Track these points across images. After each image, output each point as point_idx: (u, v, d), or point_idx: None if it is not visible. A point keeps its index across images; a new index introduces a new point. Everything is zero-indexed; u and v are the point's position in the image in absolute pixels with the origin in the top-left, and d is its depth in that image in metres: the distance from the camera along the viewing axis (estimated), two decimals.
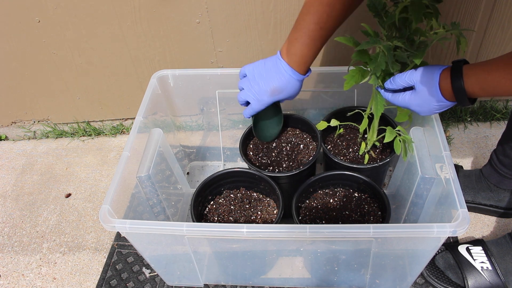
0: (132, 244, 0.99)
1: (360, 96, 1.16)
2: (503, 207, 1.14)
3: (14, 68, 1.38)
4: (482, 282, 0.99)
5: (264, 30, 1.26)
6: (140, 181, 0.96)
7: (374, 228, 0.77)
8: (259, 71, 0.96)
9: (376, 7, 0.83)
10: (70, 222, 1.29)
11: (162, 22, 1.25)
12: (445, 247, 1.07)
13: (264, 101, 0.97)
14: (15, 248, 1.24)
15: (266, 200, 1.08)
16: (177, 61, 1.35)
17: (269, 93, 0.95)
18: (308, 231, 0.78)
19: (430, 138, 0.95)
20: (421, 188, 0.92)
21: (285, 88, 0.94)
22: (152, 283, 1.11)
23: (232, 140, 1.31)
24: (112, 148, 1.52)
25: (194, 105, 1.25)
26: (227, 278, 1.07)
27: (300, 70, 0.92)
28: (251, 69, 0.97)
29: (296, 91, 0.96)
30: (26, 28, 1.27)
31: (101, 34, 1.29)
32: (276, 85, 0.94)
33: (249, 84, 0.97)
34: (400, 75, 0.82)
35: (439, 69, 0.77)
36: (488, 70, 0.71)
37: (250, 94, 0.97)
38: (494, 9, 1.20)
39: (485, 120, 1.43)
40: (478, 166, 1.30)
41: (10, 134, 1.61)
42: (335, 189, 1.06)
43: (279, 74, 0.93)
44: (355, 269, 0.96)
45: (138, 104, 1.07)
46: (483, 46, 1.29)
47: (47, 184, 1.41)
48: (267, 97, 0.96)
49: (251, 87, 0.97)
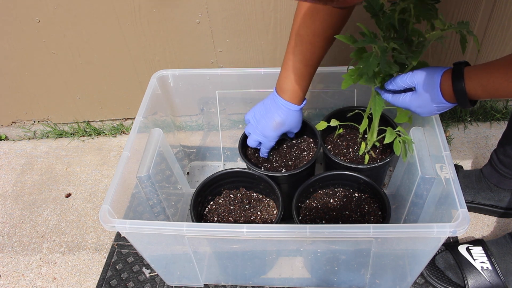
0: (132, 244, 0.99)
1: (360, 96, 1.16)
2: (503, 207, 1.14)
3: (14, 68, 1.38)
4: (482, 282, 0.99)
5: (264, 30, 1.26)
6: (140, 181, 0.96)
7: (374, 228, 0.77)
8: (260, 112, 1.04)
9: (374, 8, 0.82)
10: (70, 222, 1.29)
11: (162, 22, 1.25)
12: (445, 247, 1.07)
13: (271, 136, 1.04)
14: (15, 248, 1.24)
15: (266, 200, 1.08)
16: (177, 61, 1.35)
17: (273, 128, 1.03)
18: (308, 231, 0.78)
19: (430, 138, 0.95)
20: (421, 188, 0.92)
21: (286, 119, 1.02)
22: (152, 283, 1.11)
23: (232, 140, 1.31)
24: (112, 148, 1.52)
25: (194, 105, 1.25)
26: (227, 278, 1.07)
27: (295, 102, 1.00)
28: (252, 113, 1.06)
29: (296, 121, 1.04)
30: (26, 28, 1.27)
31: (101, 34, 1.29)
32: (278, 119, 1.01)
33: (254, 126, 1.05)
34: (401, 76, 0.82)
35: (440, 71, 0.77)
36: (490, 71, 0.71)
37: (257, 135, 1.05)
38: (494, 9, 1.20)
39: (485, 120, 1.43)
40: (478, 166, 1.30)
41: (10, 134, 1.61)
42: (335, 189, 1.06)
43: (278, 109, 1.01)
44: (355, 269, 0.96)
45: (138, 104, 1.07)
46: (483, 46, 1.29)
47: (47, 184, 1.41)
48: (272, 132, 1.03)
49: (256, 128, 1.05)
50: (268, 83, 1.15)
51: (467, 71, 0.74)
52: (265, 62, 1.34)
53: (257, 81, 1.15)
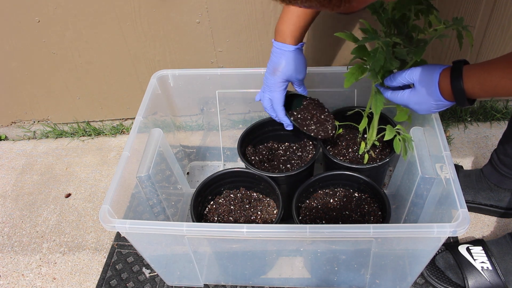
0: (132, 244, 0.99)
1: (360, 96, 1.16)
2: (503, 207, 1.14)
3: (14, 68, 1.38)
4: (482, 282, 0.99)
5: (264, 30, 1.26)
6: (140, 181, 0.96)
7: (374, 228, 0.77)
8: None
9: (374, 5, 0.83)
10: (70, 222, 1.29)
11: (162, 22, 1.25)
12: (445, 247, 1.07)
13: (271, 83, 1.00)
14: (15, 248, 1.24)
15: (266, 200, 1.08)
16: (177, 61, 1.35)
17: (271, 73, 0.99)
18: (308, 231, 0.78)
19: (430, 138, 0.95)
20: (421, 188, 0.92)
21: (281, 62, 0.98)
22: (152, 283, 1.11)
23: (232, 140, 1.31)
24: (112, 148, 1.52)
25: (194, 105, 1.25)
26: (227, 278, 1.07)
27: (288, 42, 0.96)
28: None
29: (293, 64, 0.98)
30: (26, 28, 1.27)
31: (101, 34, 1.29)
32: (273, 63, 0.98)
33: (262, 87, 1.04)
34: (400, 73, 0.83)
35: (439, 69, 0.77)
36: (488, 70, 0.71)
37: (263, 89, 1.03)
38: (494, 9, 1.20)
39: (485, 120, 1.43)
40: (478, 166, 1.30)
41: (10, 134, 1.61)
42: (335, 189, 1.06)
43: (273, 54, 0.98)
44: (355, 269, 0.96)
45: (138, 104, 1.07)
46: (483, 46, 1.29)
47: (47, 184, 1.41)
48: (271, 79, 1.00)
49: (262, 87, 1.03)
50: None
51: (466, 70, 0.74)
52: (265, 62, 1.34)
53: (257, 81, 1.15)
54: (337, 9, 0.51)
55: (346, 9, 0.52)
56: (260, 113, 1.26)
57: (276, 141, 1.20)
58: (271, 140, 1.20)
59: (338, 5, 0.50)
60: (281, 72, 0.99)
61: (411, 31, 0.84)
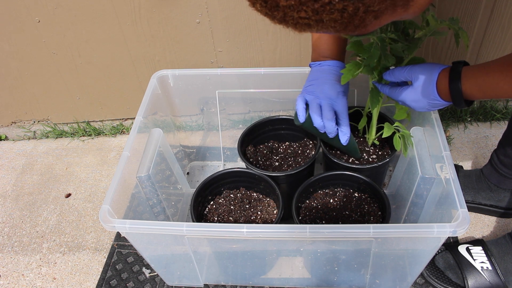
0: (132, 244, 0.99)
1: (360, 96, 1.15)
2: (503, 207, 1.14)
3: (14, 68, 1.38)
4: (482, 282, 0.99)
5: (264, 30, 1.26)
6: (140, 181, 0.96)
7: (374, 228, 0.77)
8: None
9: None
10: (70, 222, 1.29)
11: (162, 22, 1.25)
12: (445, 247, 1.07)
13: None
14: (15, 248, 1.24)
15: (266, 200, 1.08)
16: (177, 61, 1.35)
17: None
18: (308, 231, 0.78)
19: (430, 138, 0.95)
20: (421, 188, 0.92)
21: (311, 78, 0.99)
22: (152, 283, 1.11)
23: (232, 140, 1.31)
24: (112, 148, 1.52)
25: (194, 105, 1.25)
26: (227, 278, 1.07)
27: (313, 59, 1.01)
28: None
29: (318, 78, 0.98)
30: (26, 28, 1.27)
31: (101, 34, 1.29)
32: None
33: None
34: (400, 69, 0.83)
35: (438, 68, 0.77)
36: (487, 72, 0.71)
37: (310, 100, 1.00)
38: (494, 9, 1.20)
39: (485, 120, 1.43)
40: (478, 166, 1.30)
41: (10, 134, 1.61)
42: (335, 189, 1.06)
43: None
44: (355, 269, 0.96)
45: (138, 104, 1.07)
46: (483, 46, 1.29)
47: (47, 184, 1.41)
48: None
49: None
50: (268, 83, 1.15)
51: (464, 71, 0.74)
52: (265, 62, 1.34)
53: (257, 81, 1.15)
54: (352, 33, 0.54)
55: (361, 32, 0.54)
56: (260, 113, 1.26)
57: (277, 140, 1.20)
58: (271, 140, 1.20)
59: (353, 30, 0.52)
60: (313, 87, 1.00)
61: (408, 28, 0.84)
